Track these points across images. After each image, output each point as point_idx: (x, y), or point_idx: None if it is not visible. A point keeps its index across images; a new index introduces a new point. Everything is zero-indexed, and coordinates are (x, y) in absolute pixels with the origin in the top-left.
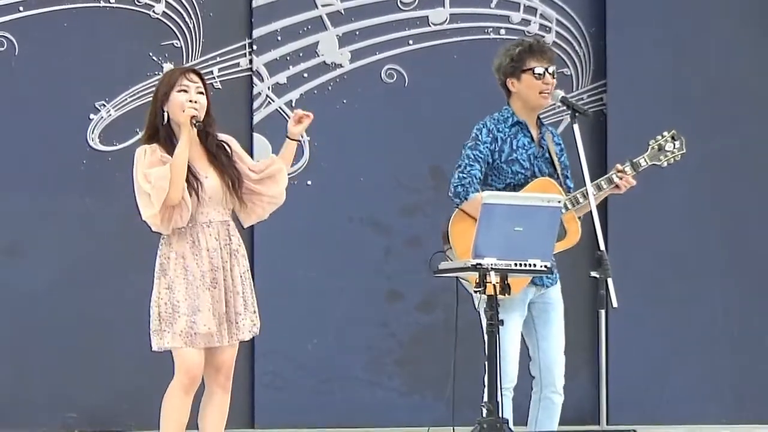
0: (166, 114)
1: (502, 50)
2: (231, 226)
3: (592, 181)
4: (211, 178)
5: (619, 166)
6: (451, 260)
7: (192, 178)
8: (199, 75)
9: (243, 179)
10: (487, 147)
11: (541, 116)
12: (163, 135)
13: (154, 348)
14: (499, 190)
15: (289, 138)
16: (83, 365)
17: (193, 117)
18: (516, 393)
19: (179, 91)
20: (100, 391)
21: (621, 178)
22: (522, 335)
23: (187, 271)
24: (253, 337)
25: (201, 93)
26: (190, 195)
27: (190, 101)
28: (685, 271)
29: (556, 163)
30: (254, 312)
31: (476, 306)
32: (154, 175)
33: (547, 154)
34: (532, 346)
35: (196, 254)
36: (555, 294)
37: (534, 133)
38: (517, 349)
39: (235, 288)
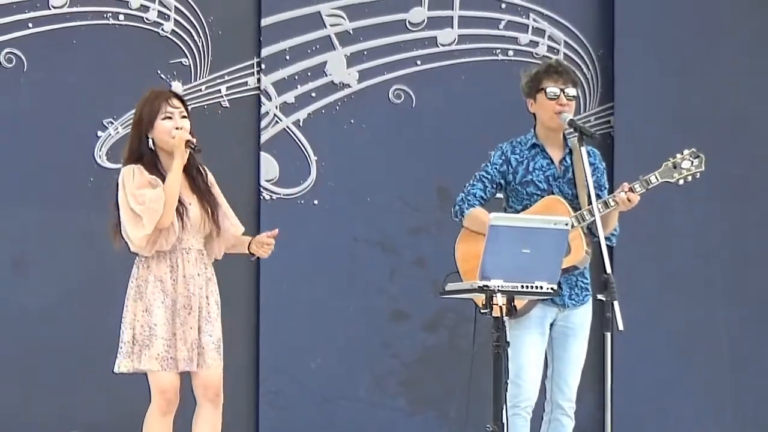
0: (151, 141)
1: (524, 71)
2: (205, 255)
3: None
4: (193, 205)
5: (626, 185)
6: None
7: (179, 204)
8: (181, 99)
9: (217, 208)
10: (496, 168)
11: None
12: (148, 161)
13: (122, 370)
14: (517, 211)
15: (248, 251)
16: (87, 382)
17: (188, 141)
18: (534, 415)
19: (165, 118)
20: (103, 409)
21: (626, 196)
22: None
23: (166, 295)
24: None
25: (184, 117)
26: (177, 220)
27: (177, 128)
28: (691, 294)
29: (588, 183)
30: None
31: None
32: (148, 197)
33: (570, 175)
34: (549, 366)
35: (174, 279)
36: (580, 318)
37: (555, 154)
38: (538, 369)
39: (212, 315)
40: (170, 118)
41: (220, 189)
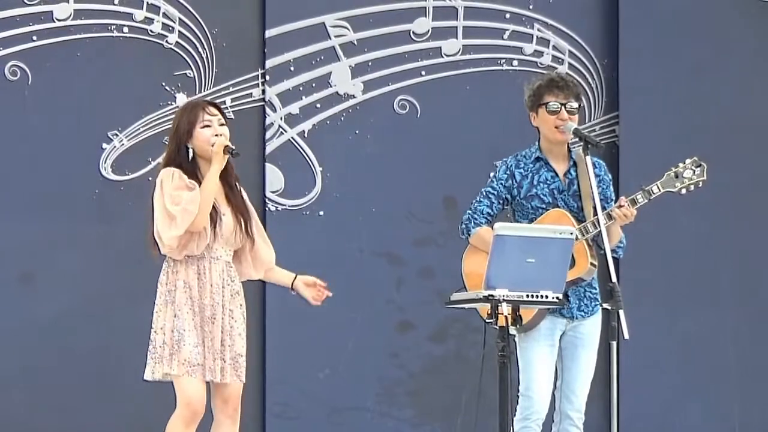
0: (191, 151)
1: (527, 84)
2: (233, 268)
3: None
4: (227, 216)
5: (623, 199)
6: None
7: (213, 211)
8: (218, 107)
9: (252, 222)
10: (501, 183)
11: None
12: (186, 170)
13: (155, 377)
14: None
15: (291, 287)
16: (95, 393)
17: (226, 146)
18: (543, 427)
19: (203, 126)
20: (111, 420)
21: (623, 206)
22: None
23: (193, 302)
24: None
25: (223, 125)
26: (210, 227)
27: (216, 135)
28: (697, 303)
29: (593, 193)
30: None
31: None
32: (185, 198)
33: (575, 188)
34: (558, 377)
35: (201, 286)
36: (588, 328)
37: (559, 167)
38: (549, 382)
39: (236, 329)
40: (209, 126)
41: None
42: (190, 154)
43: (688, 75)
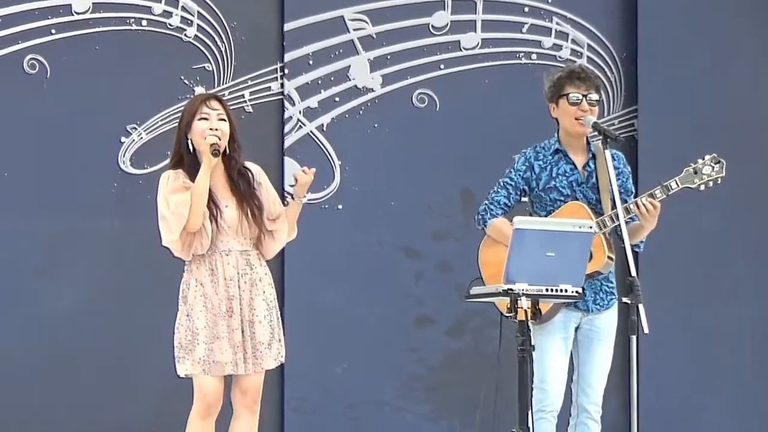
0: (190, 142)
1: (547, 76)
2: (252, 256)
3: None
4: (231, 208)
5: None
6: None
7: (212, 206)
8: (221, 101)
9: (264, 209)
10: (519, 175)
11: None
12: (188, 162)
13: (180, 374)
14: (542, 217)
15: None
16: (110, 388)
17: (212, 145)
18: (560, 420)
19: (200, 119)
20: (126, 415)
21: (645, 203)
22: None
23: (206, 299)
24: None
25: (222, 120)
26: (210, 223)
27: (211, 129)
28: (715, 297)
29: (612, 186)
30: (280, 341)
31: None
32: (174, 201)
33: (594, 180)
34: (575, 370)
35: (215, 282)
36: (604, 321)
37: (578, 159)
38: (563, 374)
39: (256, 317)
40: (206, 119)
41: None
42: (191, 146)
43: (707, 69)
